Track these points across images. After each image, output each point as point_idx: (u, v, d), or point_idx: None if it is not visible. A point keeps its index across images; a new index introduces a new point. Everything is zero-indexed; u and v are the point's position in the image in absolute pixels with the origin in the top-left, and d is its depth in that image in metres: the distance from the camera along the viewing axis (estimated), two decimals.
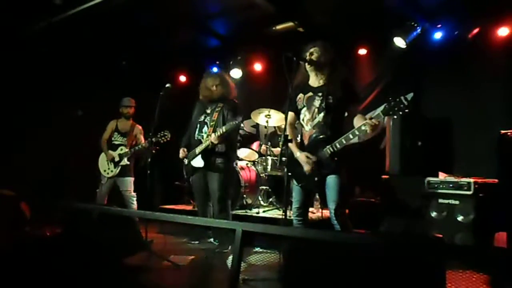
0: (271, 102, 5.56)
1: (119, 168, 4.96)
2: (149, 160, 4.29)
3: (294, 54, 2.92)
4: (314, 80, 3.21)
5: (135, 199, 5.00)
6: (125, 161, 4.95)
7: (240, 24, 6.11)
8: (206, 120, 4.33)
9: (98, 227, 3.25)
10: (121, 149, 5.03)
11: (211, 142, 4.08)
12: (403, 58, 5.59)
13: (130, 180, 5.02)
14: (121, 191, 5.01)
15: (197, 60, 7.27)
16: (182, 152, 4.41)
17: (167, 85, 4.30)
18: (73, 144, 5.88)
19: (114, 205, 4.57)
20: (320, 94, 3.10)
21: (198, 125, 4.36)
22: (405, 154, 4.77)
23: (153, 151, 4.41)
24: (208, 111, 4.36)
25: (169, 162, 4.57)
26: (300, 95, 3.22)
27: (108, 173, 4.97)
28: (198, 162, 4.25)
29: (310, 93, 3.17)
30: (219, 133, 3.99)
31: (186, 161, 4.40)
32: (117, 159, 4.98)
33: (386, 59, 5.86)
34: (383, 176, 4.79)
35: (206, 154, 4.21)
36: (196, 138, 4.34)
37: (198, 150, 4.23)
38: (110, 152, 5.03)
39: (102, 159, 5.06)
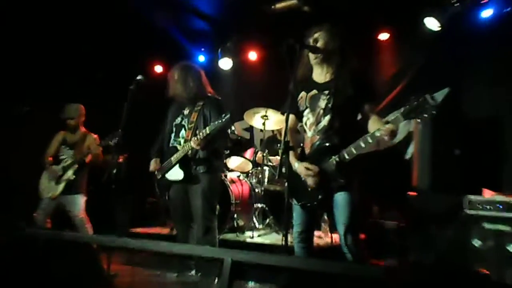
0: (269, 100, 5.58)
1: (62, 184, 4.95)
2: (114, 171, 4.27)
3: (297, 41, 2.92)
4: (320, 74, 3.22)
5: (87, 222, 4.98)
6: (68, 175, 4.94)
7: (231, 2, 6.15)
8: (183, 123, 4.32)
9: (45, 258, 3.20)
10: (65, 161, 5.04)
11: (191, 148, 4.10)
12: (437, 44, 5.61)
13: (79, 198, 5.01)
14: (69, 213, 5.00)
15: (178, 47, 7.30)
16: (153, 164, 4.41)
17: (139, 77, 4.30)
18: (16, 152, 5.86)
19: (66, 229, 4.52)
20: (326, 92, 3.11)
21: (174, 129, 4.37)
22: (437, 164, 4.94)
23: (119, 160, 4.40)
24: (186, 112, 4.37)
25: (140, 174, 4.59)
26: (302, 94, 3.24)
27: (48, 192, 4.98)
28: (175, 174, 4.23)
29: (314, 91, 3.18)
30: (201, 136, 4.00)
31: (158, 174, 4.39)
32: (60, 173, 4.98)
33: (414, 46, 5.88)
34: (410, 193, 4.78)
35: (185, 163, 4.20)
36: (171, 145, 4.34)
37: (174, 159, 4.23)
38: (53, 167, 5.04)
39: (44, 178, 5.08)
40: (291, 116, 3.26)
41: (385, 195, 5.14)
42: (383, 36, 6.21)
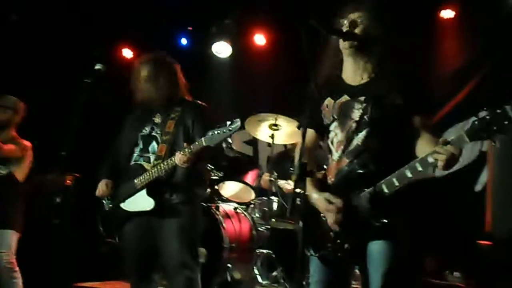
0: (281, 102, 5.69)
1: None
2: (58, 200, 4.22)
3: (322, 22, 2.85)
4: (353, 73, 3.17)
5: (17, 272, 4.91)
6: None
7: None
8: (154, 133, 4.34)
9: None
10: None
11: (172, 166, 4.07)
12: None
13: (7, 235, 4.95)
14: None
15: (153, 25, 7.35)
16: (103, 187, 4.36)
17: (98, 66, 4.35)
18: None
19: None
20: (362, 98, 3.07)
21: (141, 141, 4.36)
22: None
23: (66, 183, 4.36)
24: (157, 119, 4.40)
25: (96, 203, 4.55)
26: (328, 101, 3.21)
27: None
28: (141, 202, 4.18)
29: (345, 97, 3.14)
30: (192, 149, 3.95)
31: (108, 204, 4.37)
32: None
33: (491, 28, 5.80)
34: (481, 242, 4.80)
35: (157, 188, 4.17)
36: (134, 163, 4.32)
37: (140, 182, 4.19)
38: None
39: None
40: (310, 132, 3.26)
41: (444, 245, 5.17)
42: (447, 14, 6.14)
